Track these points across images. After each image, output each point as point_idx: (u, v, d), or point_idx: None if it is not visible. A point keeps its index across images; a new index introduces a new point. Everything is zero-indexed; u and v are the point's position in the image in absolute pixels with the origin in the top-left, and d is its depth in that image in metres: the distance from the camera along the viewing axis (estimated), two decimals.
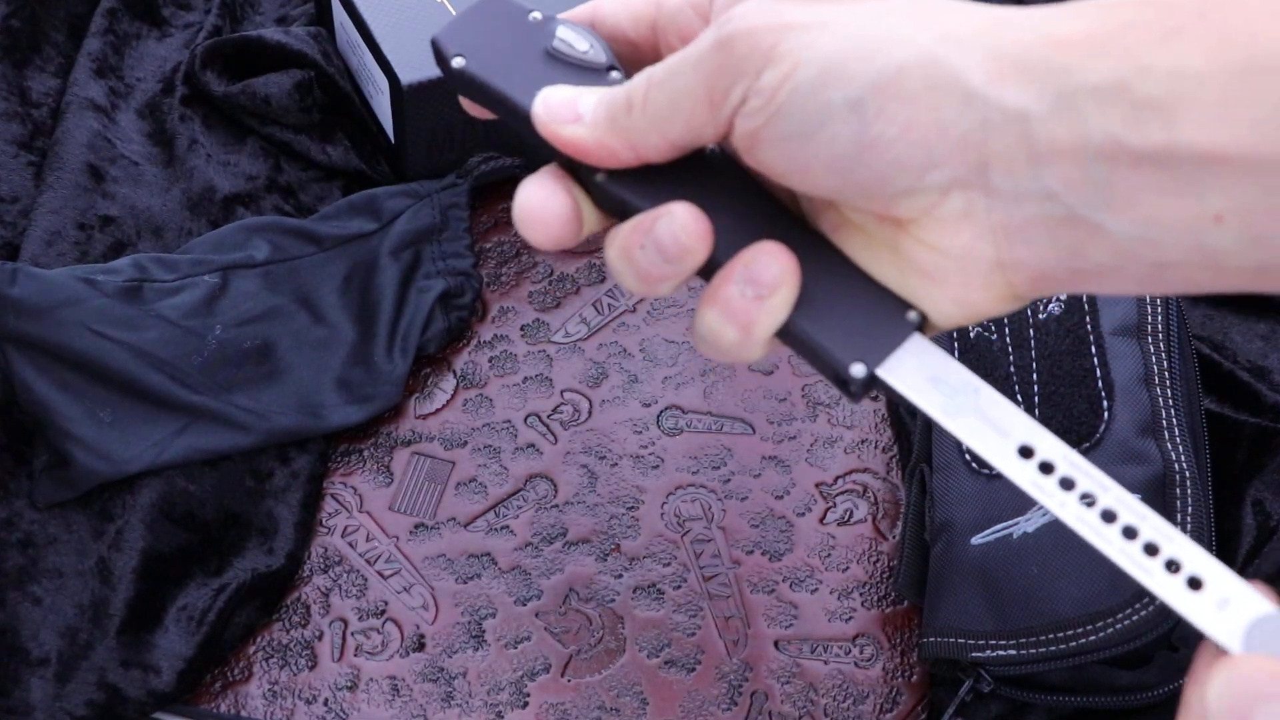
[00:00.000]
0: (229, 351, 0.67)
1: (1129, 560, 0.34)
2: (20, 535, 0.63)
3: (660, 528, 0.66)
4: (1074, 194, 0.32)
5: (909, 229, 0.35)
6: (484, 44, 0.41)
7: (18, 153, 0.75)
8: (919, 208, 0.34)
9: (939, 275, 0.35)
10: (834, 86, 0.33)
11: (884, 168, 0.34)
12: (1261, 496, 0.64)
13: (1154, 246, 0.32)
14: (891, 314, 0.37)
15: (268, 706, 0.61)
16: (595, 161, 0.38)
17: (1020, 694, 0.58)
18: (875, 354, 0.36)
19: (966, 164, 0.33)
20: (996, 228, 0.34)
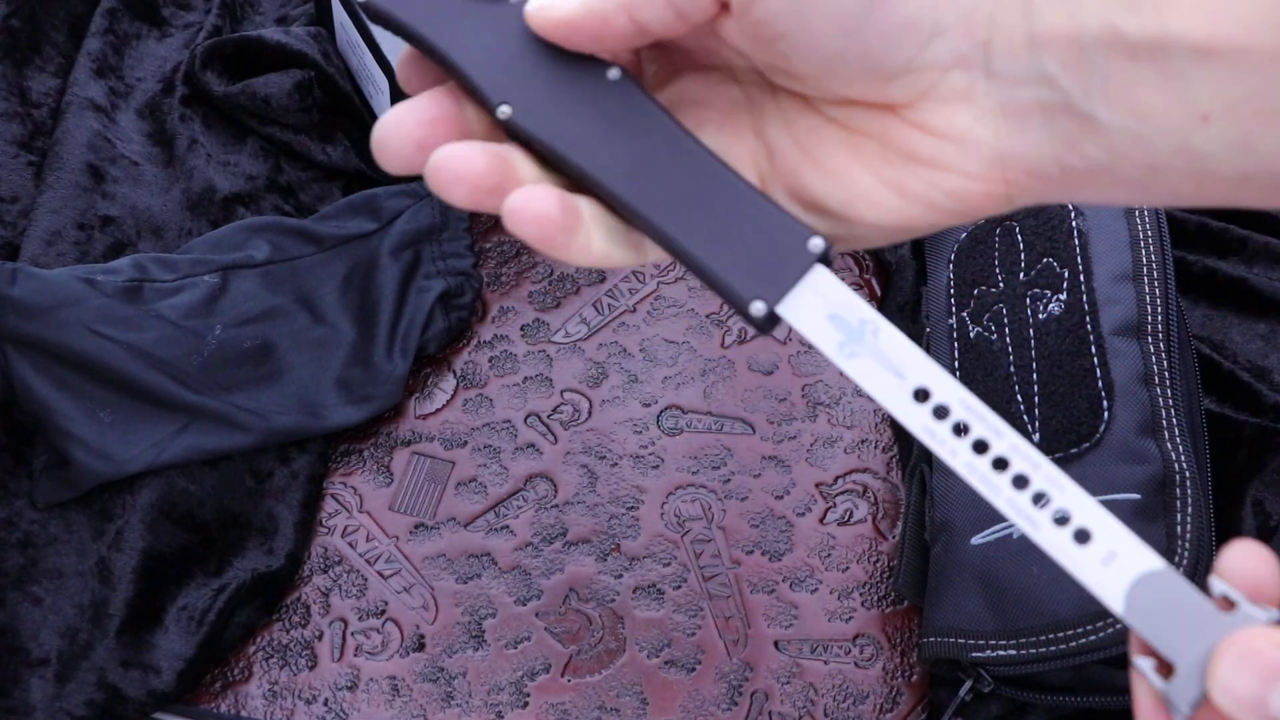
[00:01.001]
0: (229, 351, 0.67)
1: (1016, 510, 0.34)
2: (20, 535, 0.63)
3: (660, 528, 0.66)
4: (1071, 80, 0.32)
5: (903, 114, 0.35)
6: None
7: (18, 153, 0.75)
8: (918, 87, 0.34)
9: (937, 161, 0.35)
10: None
11: (892, 28, 0.33)
12: (1261, 496, 0.64)
13: (1144, 145, 0.32)
14: (795, 243, 0.35)
15: (268, 706, 0.61)
16: (590, 36, 0.36)
17: (1020, 694, 0.58)
18: (776, 289, 0.35)
19: (971, 38, 0.33)
20: (996, 111, 0.34)
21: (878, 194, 0.36)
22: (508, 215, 0.35)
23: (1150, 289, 0.63)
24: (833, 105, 0.36)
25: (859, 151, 0.36)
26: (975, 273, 0.67)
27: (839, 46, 0.34)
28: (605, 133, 0.37)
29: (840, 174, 0.36)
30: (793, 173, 0.37)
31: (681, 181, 0.37)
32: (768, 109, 0.38)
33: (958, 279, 0.67)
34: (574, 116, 0.37)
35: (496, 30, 0.38)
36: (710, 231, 0.36)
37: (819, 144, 0.37)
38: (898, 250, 0.74)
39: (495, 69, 0.38)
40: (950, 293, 0.67)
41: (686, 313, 0.74)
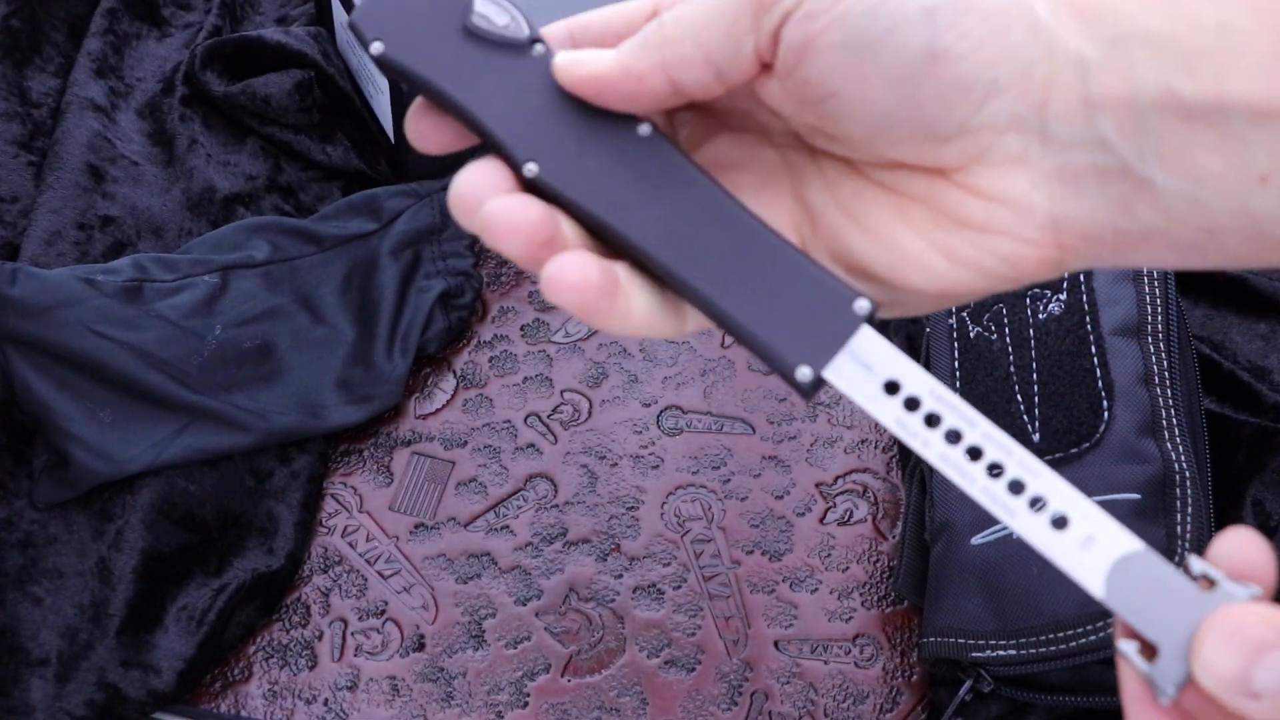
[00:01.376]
0: (229, 351, 0.67)
1: (991, 499, 0.34)
2: (20, 535, 0.63)
3: (660, 528, 0.66)
4: (1126, 144, 0.32)
5: (955, 177, 0.34)
6: (401, 24, 0.38)
7: (18, 153, 0.75)
8: (972, 150, 0.33)
9: (990, 226, 0.34)
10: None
11: (948, 88, 0.32)
12: (1261, 496, 0.64)
13: (1201, 208, 0.32)
14: (840, 305, 0.35)
15: (268, 706, 0.61)
16: (623, 96, 0.35)
17: (1020, 694, 0.58)
18: (822, 353, 0.34)
19: (1027, 100, 0.32)
20: (1051, 175, 0.33)
21: (927, 259, 0.35)
22: (546, 283, 0.34)
23: (1150, 289, 0.63)
24: (879, 168, 0.35)
25: (907, 215, 0.35)
26: None
27: (891, 107, 0.33)
28: (638, 191, 0.36)
29: (887, 238, 0.35)
30: (836, 237, 0.36)
31: (719, 242, 0.35)
32: (807, 172, 0.37)
33: None
34: (605, 174, 0.36)
35: (520, 83, 0.37)
36: (751, 294, 0.35)
37: (864, 208, 0.36)
38: None
39: (520, 124, 0.36)
40: None
41: None
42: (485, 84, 0.37)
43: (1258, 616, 0.30)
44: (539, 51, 0.37)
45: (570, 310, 0.34)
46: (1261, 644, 0.30)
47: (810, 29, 0.33)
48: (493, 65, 0.37)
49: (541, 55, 0.37)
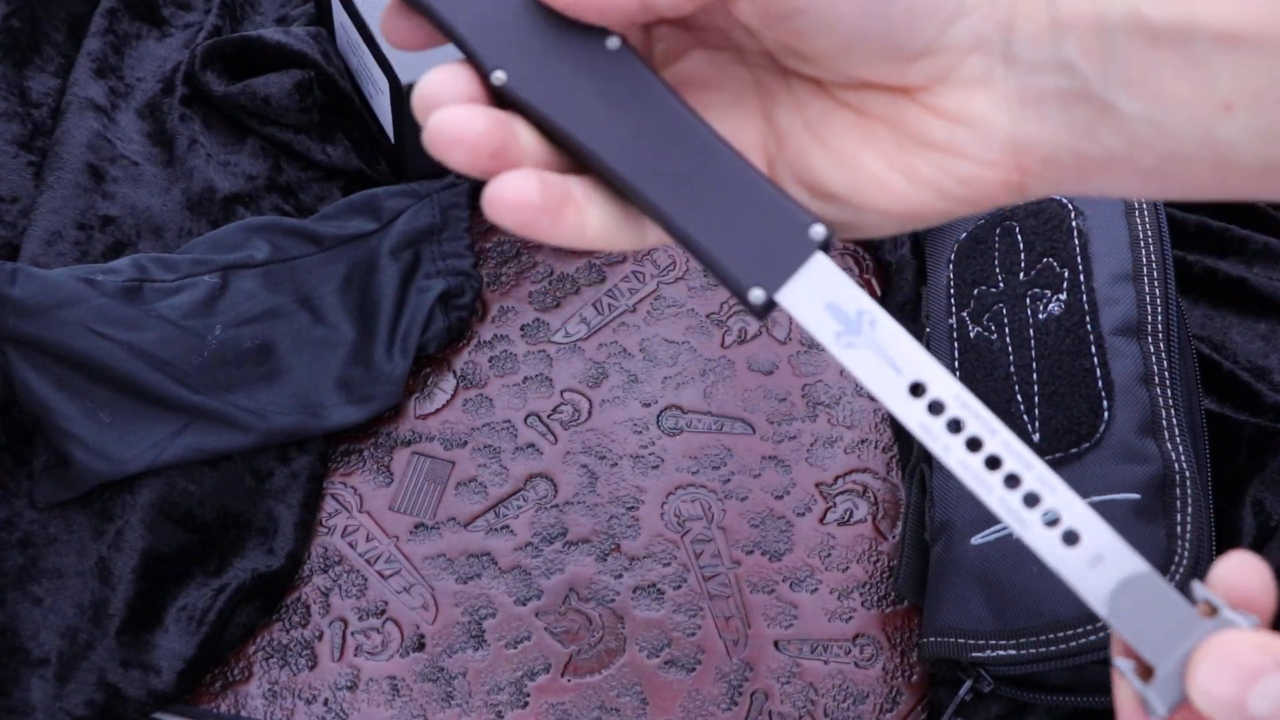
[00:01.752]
0: (229, 351, 0.67)
1: (1006, 510, 0.34)
2: (20, 535, 0.63)
3: (660, 528, 0.66)
4: (1092, 67, 0.32)
5: (919, 98, 0.34)
6: None
7: (18, 153, 0.75)
8: (936, 70, 0.33)
9: (951, 146, 0.34)
10: None
11: (917, 5, 0.32)
12: (1261, 496, 0.64)
13: (1164, 134, 0.32)
14: (797, 230, 0.35)
15: (268, 706, 0.61)
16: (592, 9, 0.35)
17: (1020, 694, 0.58)
18: (775, 276, 0.35)
19: (993, 21, 0.32)
20: (1013, 97, 0.33)
21: (888, 179, 0.35)
22: (486, 202, 0.34)
23: (1150, 289, 0.63)
24: (846, 89, 0.35)
25: (871, 136, 0.35)
26: (975, 272, 0.67)
27: (860, 24, 0.33)
28: (604, 105, 0.36)
29: (851, 159, 0.35)
30: (801, 157, 0.36)
31: (683, 160, 0.36)
32: (777, 92, 0.37)
33: (958, 279, 0.67)
34: (572, 86, 0.36)
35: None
36: (711, 214, 0.35)
37: (830, 128, 0.36)
38: (898, 250, 0.74)
39: (490, 32, 0.36)
40: (950, 292, 0.67)
41: (686, 313, 0.74)
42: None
43: (1253, 643, 0.30)
44: None
45: (511, 228, 0.34)
46: (1256, 670, 0.30)
47: None
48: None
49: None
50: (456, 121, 0.34)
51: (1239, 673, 0.30)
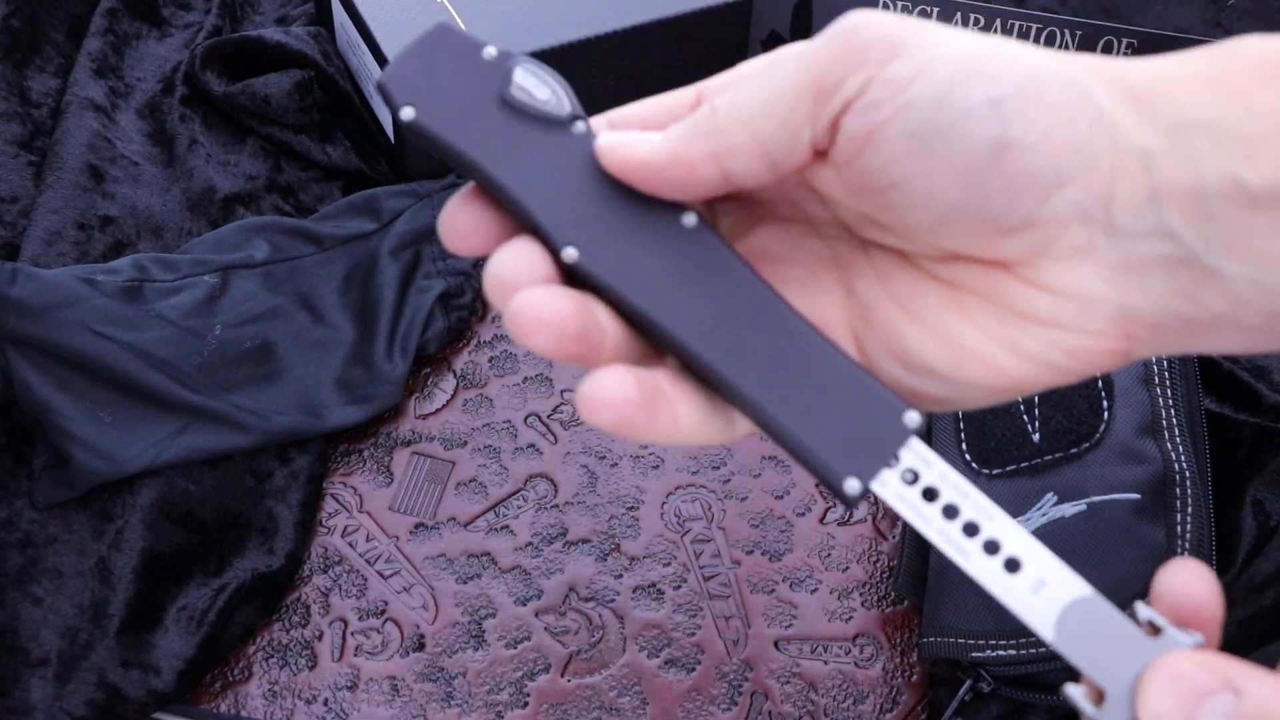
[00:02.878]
0: (229, 351, 0.67)
1: (946, 540, 0.33)
2: (20, 535, 0.63)
3: (660, 528, 0.66)
4: (1193, 233, 0.31)
5: (1018, 271, 0.33)
6: (434, 89, 0.35)
7: (18, 153, 0.75)
8: (1036, 242, 0.32)
9: (1056, 319, 0.33)
10: (974, 83, 0.31)
11: (1015, 179, 0.32)
12: (1261, 496, 0.64)
13: (1268, 294, 0.32)
14: (889, 416, 0.34)
15: (268, 706, 0.61)
16: (671, 184, 0.34)
17: (1020, 694, 0.58)
18: (869, 465, 0.34)
19: (1093, 192, 0.32)
20: (1117, 266, 0.32)
21: (991, 354, 0.34)
22: (582, 402, 0.32)
23: None
24: (935, 261, 0.34)
25: (967, 309, 0.34)
26: None
27: (956, 199, 0.32)
28: (682, 283, 0.34)
29: (948, 333, 0.34)
30: (893, 333, 0.35)
31: (767, 342, 0.34)
32: (857, 264, 0.36)
33: None
34: (647, 264, 0.34)
35: (560, 162, 0.35)
36: (799, 400, 0.34)
37: (921, 302, 0.35)
38: None
39: (560, 206, 0.35)
40: None
41: None
42: (523, 160, 0.35)
43: (1199, 663, 0.31)
44: (580, 129, 0.35)
45: (609, 427, 0.32)
46: (1203, 690, 0.30)
47: (874, 118, 0.32)
48: (531, 141, 0.35)
49: (583, 134, 0.35)
50: (540, 305, 0.33)
51: (1187, 694, 0.30)
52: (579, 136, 0.35)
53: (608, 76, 0.78)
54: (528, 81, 0.36)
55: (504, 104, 0.35)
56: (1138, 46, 0.72)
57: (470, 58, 0.36)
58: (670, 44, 0.79)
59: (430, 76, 0.36)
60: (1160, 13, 0.88)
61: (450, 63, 0.36)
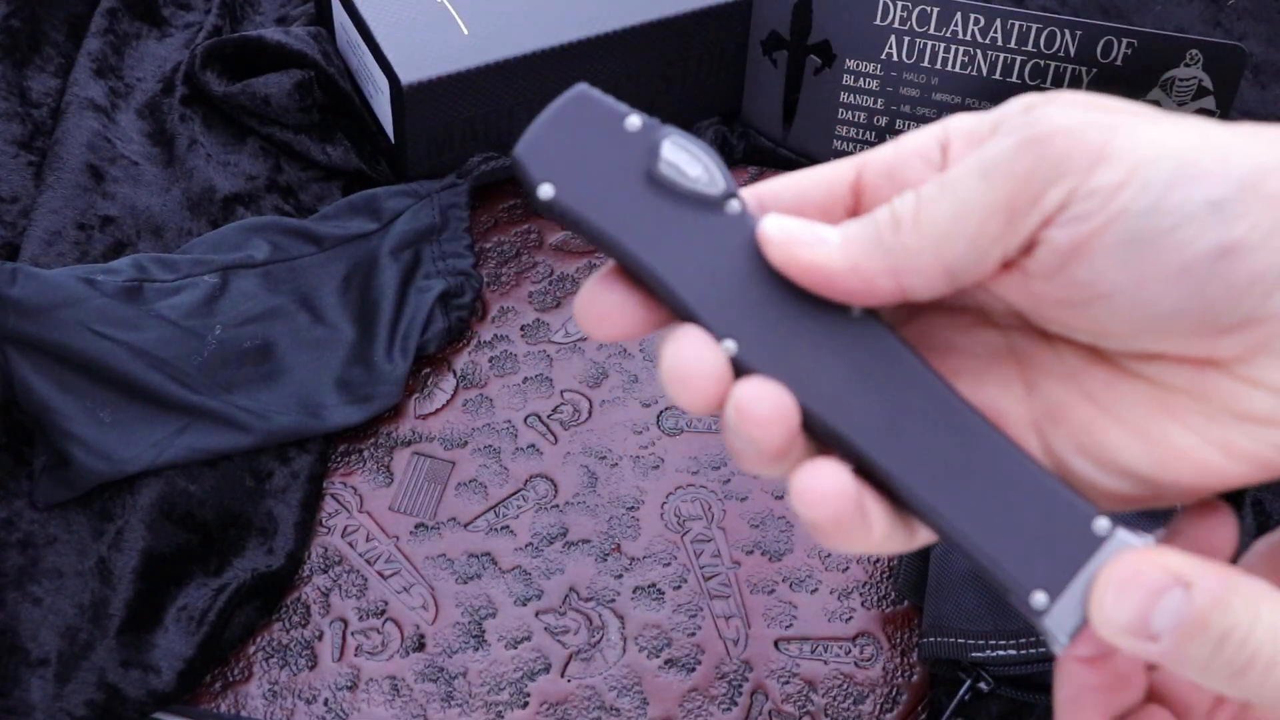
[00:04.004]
0: (229, 351, 0.67)
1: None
2: (20, 535, 0.63)
3: (660, 528, 0.66)
4: None
5: (1231, 368, 0.31)
6: (575, 164, 0.33)
7: (18, 153, 0.75)
8: (1255, 340, 0.30)
9: (1276, 419, 0.31)
10: (1192, 184, 0.29)
11: (1239, 280, 0.29)
12: (1261, 496, 0.64)
13: None
14: (1078, 523, 0.32)
15: (268, 706, 0.61)
16: (844, 293, 0.32)
17: (1020, 694, 0.58)
18: (1058, 577, 0.32)
19: None
20: None
21: (1200, 454, 0.32)
22: (797, 496, 0.31)
23: None
24: (1136, 359, 0.32)
25: (1174, 409, 0.32)
26: None
27: (1173, 305, 0.30)
28: (852, 381, 0.32)
29: (1153, 434, 0.32)
30: (1087, 432, 0.33)
31: (945, 444, 0.32)
32: (1041, 358, 0.34)
33: None
34: (813, 359, 0.32)
35: (713, 245, 0.33)
36: (981, 507, 0.32)
37: (1120, 401, 0.32)
38: None
39: (715, 293, 0.32)
40: None
41: None
42: (675, 243, 0.33)
43: (1150, 561, 0.30)
44: (734, 209, 0.33)
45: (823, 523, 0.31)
46: (1156, 587, 0.30)
47: (1081, 231, 0.30)
48: (682, 221, 0.33)
49: (737, 214, 0.33)
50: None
51: (1143, 593, 0.30)
52: (733, 217, 0.33)
53: (608, 76, 0.78)
54: (678, 157, 0.33)
55: (651, 180, 0.33)
56: (1138, 46, 0.72)
57: (613, 127, 0.33)
58: (670, 44, 0.79)
59: (570, 149, 0.33)
60: (1160, 13, 0.88)
61: (591, 133, 0.33)
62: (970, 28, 0.74)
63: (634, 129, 0.33)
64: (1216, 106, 0.73)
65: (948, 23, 0.74)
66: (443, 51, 0.75)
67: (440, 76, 0.74)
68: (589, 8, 0.77)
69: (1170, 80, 0.73)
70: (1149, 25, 0.87)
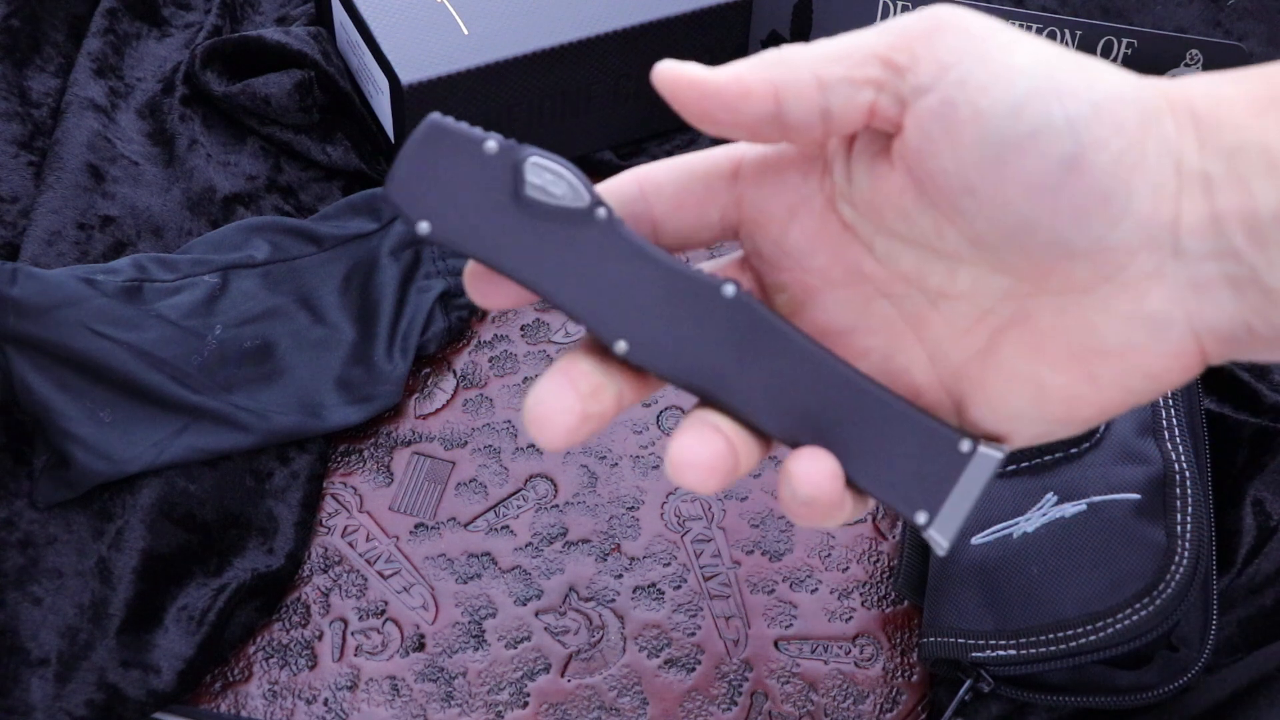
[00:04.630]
0: (229, 351, 0.67)
1: None
2: (20, 535, 0.63)
3: (660, 528, 0.66)
4: (1254, 254, 0.32)
5: (1088, 302, 0.34)
6: (443, 196, 0.34)
7: (18, 153, 0.75)
8: (1104, 269, 0.33)
9: (1129, 348, 0.34)
10: (1052, 98, 0.31)
11: (1086, 198, 0.32)
12: (1261, 496, 0.64)
13: None
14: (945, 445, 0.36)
15: (268, 706, 0.61)
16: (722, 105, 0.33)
17: (1020, 694, 0.58)
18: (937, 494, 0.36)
19: (1160, 217, 0.32)
20: (1186, 288, 0.33)
21: (1071, 391, 0.35)
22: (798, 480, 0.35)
23: None
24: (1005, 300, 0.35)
25: (1043, 351, 0.35)
26: None
27: (1028, 212, 0.32)
28: (732, 357, 0.35)
29: (1028, 378, 0.35)
30: (980, 388, 0.36)
31: (827, 399, 0.35)
32: (932, 324, 0.36)
33: None
34: (695, 343, 0.35)
35: (589, 254, 0.35)
36: (866, 449, 0.36)
37: (1000, 354, 0.35)
38: None
39: (598, 300, 0.35)
40: None
41: None
42: (553, 259, 0.35)
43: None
44: (602, 215, 0.35)
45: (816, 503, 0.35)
46: None
47: (949, 119, 0.32)
48: (555, 237, 0.35)
49: (605, 219, 0.35)
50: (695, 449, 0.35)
51: None
52: (603, 224, 0.35)
53: (608, 76, 0.78)
54: (541, 178, 0.35)
55: (519, 202, 0.34)
56: (1138, 46, 0.72)
57: (472, 153, 0.34)
58: (670, 44, 0.79)
59: (436, 181, 0.34)
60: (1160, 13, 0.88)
61: (452, 162, 0.34)
62: None
63: (492, 152, 0.34)
64: None
65: None
66: (443, 51, 0.75)
67: (440, 76, 0.74)
68: (589, 8, 0.77)
69: None
70: (1149, 25, 0.87)
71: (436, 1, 0.77)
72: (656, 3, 0.78)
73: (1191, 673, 0.57)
